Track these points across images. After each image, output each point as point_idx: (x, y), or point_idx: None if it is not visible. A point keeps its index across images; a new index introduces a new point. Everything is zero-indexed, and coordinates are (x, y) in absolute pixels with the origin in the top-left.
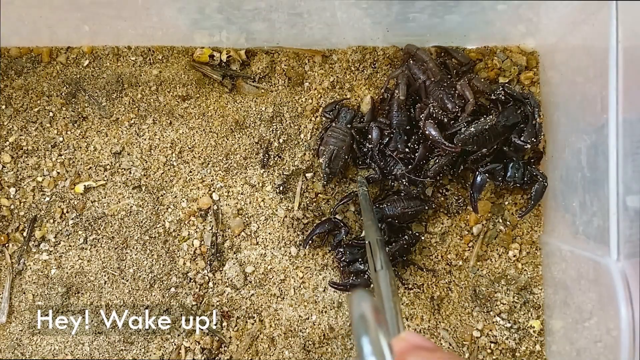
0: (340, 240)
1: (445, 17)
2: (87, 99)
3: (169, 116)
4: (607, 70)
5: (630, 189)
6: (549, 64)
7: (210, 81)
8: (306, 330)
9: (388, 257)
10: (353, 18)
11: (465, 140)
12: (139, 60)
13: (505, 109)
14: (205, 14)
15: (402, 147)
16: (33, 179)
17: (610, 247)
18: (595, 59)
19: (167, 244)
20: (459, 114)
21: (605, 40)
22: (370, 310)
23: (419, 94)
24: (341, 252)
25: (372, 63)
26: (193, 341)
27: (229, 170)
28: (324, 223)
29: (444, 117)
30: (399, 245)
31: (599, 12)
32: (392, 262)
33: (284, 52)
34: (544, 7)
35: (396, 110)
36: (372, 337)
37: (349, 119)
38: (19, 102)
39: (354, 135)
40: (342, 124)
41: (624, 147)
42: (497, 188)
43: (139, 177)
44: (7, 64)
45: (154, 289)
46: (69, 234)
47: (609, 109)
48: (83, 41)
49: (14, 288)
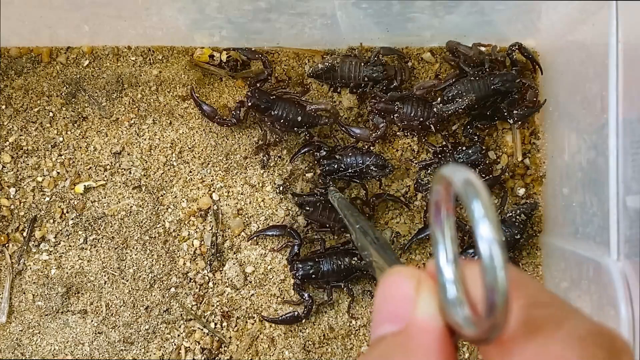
0: (294, 255)
1: (445, 17)
2: (87, 99)
3: (169, 116)
4: (607, 70)
5: (630, 189)
6: (549, 64)
7: (210, 81)
8: (306, 330)
9: (379, 233)
10: (353, 18)
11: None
12: (139, 60)
13: (506, 73)
14: (205, 14)
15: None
16: (33, 179)
17: (610, 247)
18: (595, 59)
19: (167, 244)
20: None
21: (605, 40)
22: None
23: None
24: (299, 267)
25: None
26: (193, 341)
27: (229, 170)
28: (277, 228)
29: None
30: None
31: (599, 12)
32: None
33: (284, 52)
34: (544, 7)
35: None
36: (484, 200)
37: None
38: (19, 102)
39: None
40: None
41: (624, 147)
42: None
43: (139, 177)
44: (7, 64)
45: (154, 289)
46: (69, 234)
47: (609, 109)
48: (83, 41)
49: (14, 288)
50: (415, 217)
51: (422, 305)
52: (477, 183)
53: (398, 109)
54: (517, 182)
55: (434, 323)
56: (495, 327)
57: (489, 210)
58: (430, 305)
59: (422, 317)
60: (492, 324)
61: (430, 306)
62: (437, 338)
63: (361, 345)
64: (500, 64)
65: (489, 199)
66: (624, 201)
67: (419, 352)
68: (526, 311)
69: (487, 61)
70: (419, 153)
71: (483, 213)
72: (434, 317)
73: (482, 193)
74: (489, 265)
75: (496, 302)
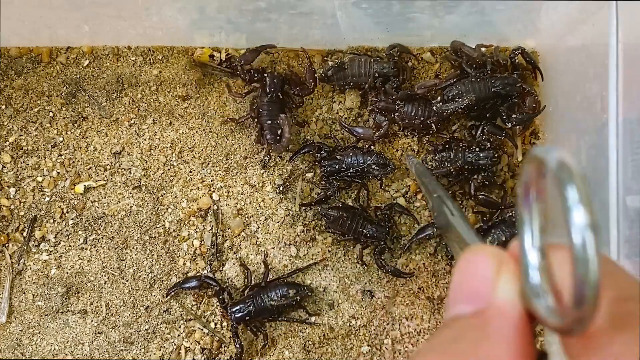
0: (225, 305)
1: (445, 17)
2: (87, 99)
3: (169, 116)
4: (607, 70)
5: (630, 189)
6: (549, 64)
7: (210, 81)
8: (306, 330)
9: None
10: (353, 18)
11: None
12: (139, 60)
13: (507, 77)
14: (205, 14)
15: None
16: (33, 179)
17: (610, 247)
18: (595, 59)
19: (167, 244)
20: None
21: (605, 40)
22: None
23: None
24: (234, 314)
25: None
26: (193, 341)
27: (229, 170)
28: (193, 280)
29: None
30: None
31: (599, 12)
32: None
33: (284, 52)
34: (544, 7)
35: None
36: (579, 184)
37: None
38: (19, 102)
39: None
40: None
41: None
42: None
43: (139, 177)
44: (7, 64)
45: (154, 289)
46: (69, 234)
47: (609, 109)
48: (83, 41)
49: (14, 288)
50: (416, 217)
51: (502, 288)
52: (572, 165)
53: (399, 108)
54: (517, 182)
55: (513, 308)
56: (581, 320)
57: (584, 196)
58: (510, 289)
59: (501, 300)
60: (579, 317)
61: (510, 290)
62: (516, 324)
63: (361, 345)
64: (502, 67)
65: (585, 184)
66: (624, 201)
67: (495, 337)
68: (616, 305)
69: (489, 63)
70: (419, 153)
71: (578, 198)
72: (514, 301)
73: (577, 177)
74: (581, 255)
75: (586, 295)
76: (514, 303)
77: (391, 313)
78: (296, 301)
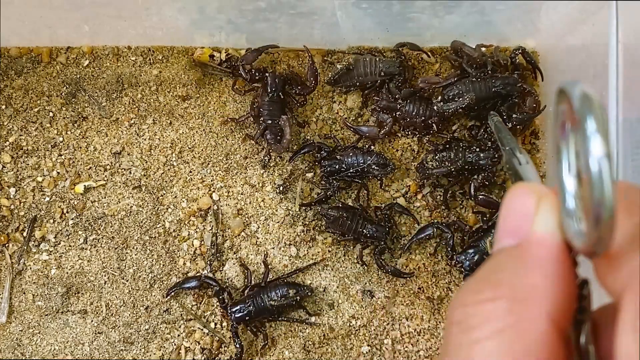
0: (225, 305)
1: (445, 17)
2: (87, 99)
3: (169, 116)
4: (607, 70)
5: None
6: (549, 64)
7: (210, 81)
8: (306, 330)
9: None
10: (353, 18)
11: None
12: (139, 60)
13: (508, 77)
14: (205, 14)
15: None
16: (33, 179)
17: None
18: (595, 59)
19: (167, 244)
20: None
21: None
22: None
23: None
24: (234, 314)
25: None
26: (193, 341)
27: (229, 170)
28: (193, 280)
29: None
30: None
31: (599, 12)
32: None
33: (284, 52)
34: (544, 7)
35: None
36: (598, 115)
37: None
38: (19, 102)
39: None
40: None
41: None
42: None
43: (139, 177)
44: (7, 64)
45: (154, 289)
46: (69, 234)
47: (609, 109)
48: (83, 41)
49: (14, 288)
50: (416, 217)
51: (540, 220)
52: (594, 98)
53: (401, 107)
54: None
55: (551, 237)
56: (600, 241)
57: (602, 126)
58: (549, 220)
59: (540, 231)
60: (598, 238)
61: (549, 221)
62: (553, 252)
63: (361, 345)
64: (502, 67)
65: (604, 115)
66: None
67: (532, 266)
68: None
69: (489, 63)
70: (419, 153)
71: (595, 128)
72: (552, 231)
73: (597, 108)
74: (597, 180)
75: (602, 217)
76: (553, 233)
77: (391, 313)
78: (296, 301)
